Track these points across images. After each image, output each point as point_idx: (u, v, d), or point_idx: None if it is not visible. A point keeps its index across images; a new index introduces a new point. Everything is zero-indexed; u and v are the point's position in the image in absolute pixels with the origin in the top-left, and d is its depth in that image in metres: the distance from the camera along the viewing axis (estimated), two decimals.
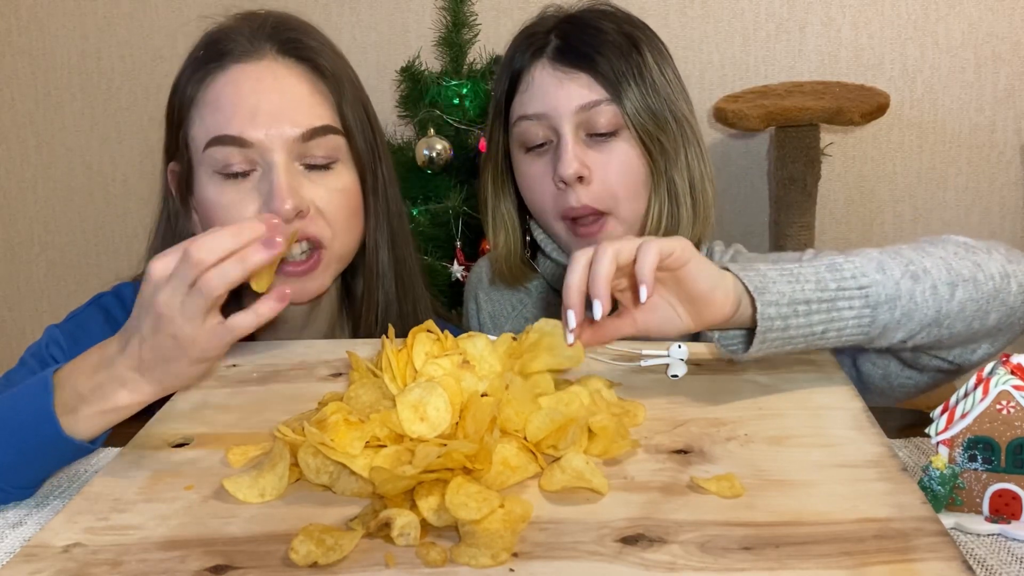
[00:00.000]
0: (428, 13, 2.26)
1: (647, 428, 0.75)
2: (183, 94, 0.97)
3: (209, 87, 0.95)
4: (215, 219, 0.95)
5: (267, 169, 0.93)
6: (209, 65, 0.96)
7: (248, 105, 0.93)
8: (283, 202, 0.91)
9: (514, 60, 1.08)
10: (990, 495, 0.70)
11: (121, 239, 2.53)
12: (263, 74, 0.95)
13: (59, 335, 1.01)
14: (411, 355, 0.77)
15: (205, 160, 0.95)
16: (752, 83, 2.27)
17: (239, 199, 0.94)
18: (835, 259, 0.80)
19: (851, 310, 0.78)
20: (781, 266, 0.78)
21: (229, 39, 0.97)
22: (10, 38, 2.43)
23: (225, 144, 0.93)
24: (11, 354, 1.01)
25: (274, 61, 0.96)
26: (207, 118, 0.95)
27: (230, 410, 0.81)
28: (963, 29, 2.25)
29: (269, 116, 0.93)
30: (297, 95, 0.95)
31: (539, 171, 1.06)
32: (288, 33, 0.98)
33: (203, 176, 0.96)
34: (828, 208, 2.34)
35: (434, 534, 0.61)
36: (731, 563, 0.57)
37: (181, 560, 0.59)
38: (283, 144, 0.93)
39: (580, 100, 1.02)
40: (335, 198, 0.97)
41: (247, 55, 0.96)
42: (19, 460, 0.75)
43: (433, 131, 1.93)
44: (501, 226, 1.14)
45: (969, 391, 0.70)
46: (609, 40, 1.05)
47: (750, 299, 0.75)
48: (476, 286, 1.26)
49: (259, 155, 0.93)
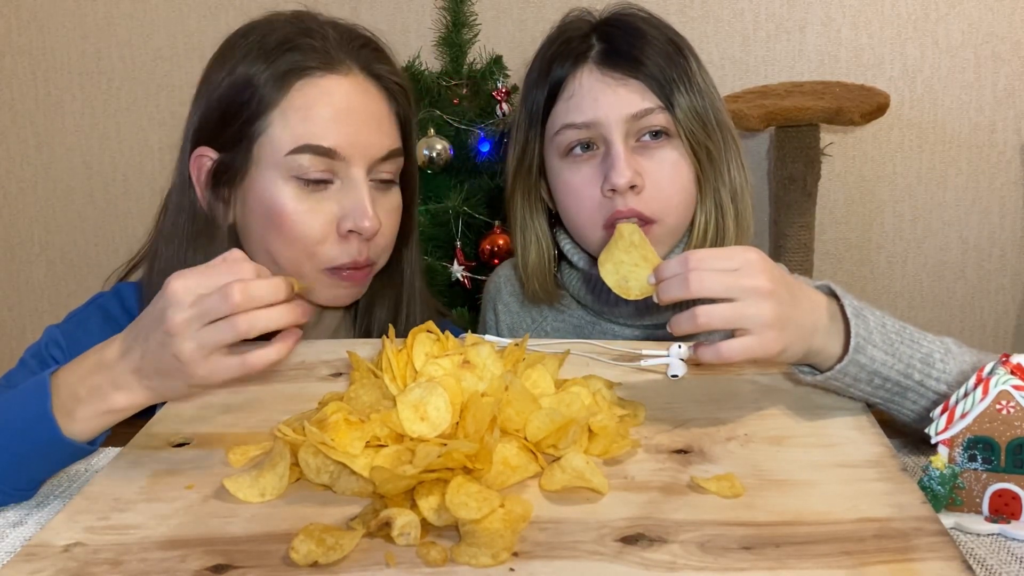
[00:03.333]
0: (428, 13, 2.26)
1: (647, 428, 0.75)
2: (259, 89, 0.94)
3: (298, 92, 0.94)
4: (287, 222, 0.94)
5: (348, 183, 0.95)
6: (295, 68, 0.95)
7: (343, 121, 0.94)
8: (368, 219, 0.94)
9: (553, 67, 1.04)
10: (990, 495, 0.70)
11: (121, 239, 2.53)
12: (353, 90, 0.96)
13: (59, 335, 1.01)
14: (411, 355, 0.77)
15: (285, 164, 0.94)
16: (752, 83, 2.27)
17: (318, 207, 0.94)
18: (933, 350, 0.79)
19: (915, 404, 0.80)
20: (886, 326, 0.78)
21: (313, 45, 0.96)
22: (10, 38, 2.43)
23: (315, 154, 0.93)
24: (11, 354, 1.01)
25: (359, 77, 0.98)
26: (295, 124, 0.94)
27: (230, 410, 0.81)
28: (963, 29, 2.25)
29: (359, 133, 0.95)
30: (380, 115, 0.98)
31: (583, 179, 1.02)
32: (368, 49, 1.00)
33: (276, 177, 0.94)
34: (828, 208, 2.34)
35: (434, 534, 0.61)
36: (731, 563, 0.57)
37: (181, 559, 0.59)
38: (366, 161, 0.95)
39: (632, 108, 1.00)
40: (391, 218, 1.00)
41: (335, 66, 0.96)
42: (17, 462, 0.75)
43: (433, 131, 1.93)
44: (533, 241, 1.11)
45: (969, 391, 0.70)
46: (656, 44, 1.02)
47: (843, 345, 0.76)
48: (495, 296, 1.22)
49: (342, 168, 0.95)
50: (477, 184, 1.93)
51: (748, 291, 0.71)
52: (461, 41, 2.04)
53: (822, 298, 0.77)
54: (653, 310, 1.07)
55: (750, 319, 0.71)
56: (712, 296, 0.71)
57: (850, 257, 2.39)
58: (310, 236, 0.94)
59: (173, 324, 0.69)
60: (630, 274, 0.79)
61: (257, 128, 0.95)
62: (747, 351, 0.71)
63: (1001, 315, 2.41)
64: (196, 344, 0.69)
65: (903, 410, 0.80)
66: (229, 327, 0.68)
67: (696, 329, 0.72)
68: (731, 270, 0.71)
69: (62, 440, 0.73)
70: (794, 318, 0.73)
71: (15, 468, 0.76)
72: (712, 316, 0.71)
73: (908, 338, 0.79)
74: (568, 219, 1.07)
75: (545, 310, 1.16)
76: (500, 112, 1.97)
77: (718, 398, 0.80)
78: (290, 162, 0.94)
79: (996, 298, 2.40)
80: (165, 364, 0.71)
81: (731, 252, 0.73)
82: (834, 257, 2.39)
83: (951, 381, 0.79)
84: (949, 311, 2.41)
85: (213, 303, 0.68)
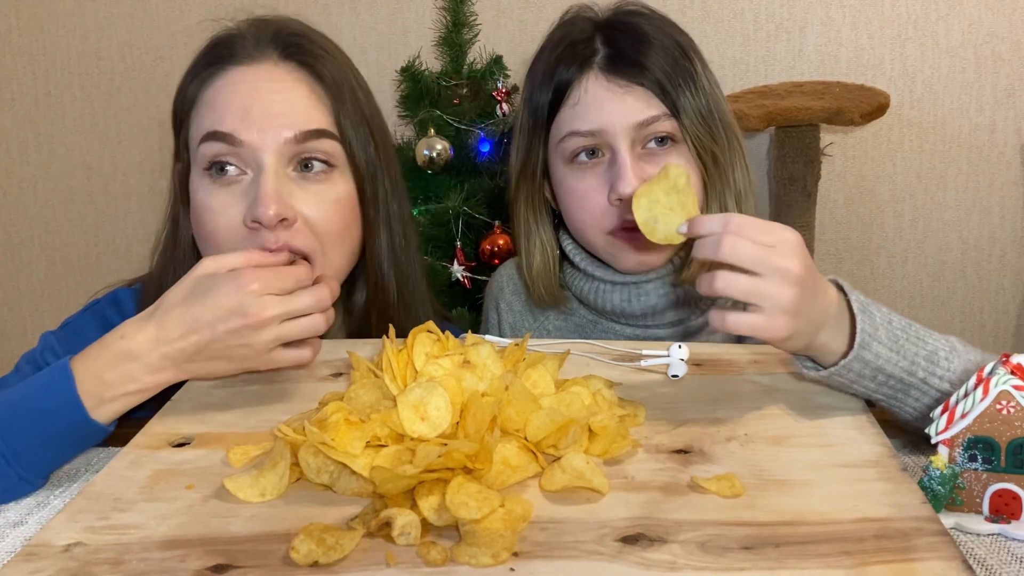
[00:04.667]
0: (428, 13, 2.26)
1: (647, 428, 0.75)
2: (184, 95, 0.98)
3: (208, 88, 0.96)
4: (202, 220, 0.94)
5: (256, 172, 0.92)
6: (211, 67, 0.96)
7: (242, 105, 0.93)
8: (267, 208, 0.88)
9: (557, 71, 1.03)
10: (990, 495, 0.70)
11: (121, 239, 2.53)
12: (261, 76, 0.95)
13: (54, 342, 1.01)
14: (411, 356, 0.77)
15: (198, 158, 0.94)
16: (752, 83, 2.27)
17: (227, 202, 0.92)
18: (938, 348, 0.79)
19: (917, 402, 0.79)
20: (892, 323, 0.78)
21: (233, 42, 0.97)
22: (10, 38, 2.43)
23: (216, 140, 0.92)
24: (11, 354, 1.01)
25: (275, 65, 0.96)
26: (203, 116, 0.95)
27: (230, 410, 0.81)
28: (963, 29, 2.25)
29: (262, 117, 0.92)
30: (293, 98, 0.94)
31: (588, 186, 1.02)
32: (290, 37, 0.98)
33: (196, 175, 0.96)
34: (828, 208, 2.34)
35: (434, 533, 0.61)
36: (731, 563, 0.57)
37: (182, 559, 0.59)
38: (275, 146, 0.91)
39: (638, 116, 0.99)
40: (327, 209, 0.94)
41: (249, 58, 0.96)
42: (41, 445, 0.78)
43: (433, 131, 1.93)
44: (537, 245, 1.10)
45: (969, 391, 0.70)
46: (662, 47, 1.01)
47: (848, 342, 0.76)
48: (497, 296, 1.21)
49: (251, 156, 0.92)
50: (477, 184, 1.93)
51: (776, 270, 0.70)
52: (461, 41, 2.04)
53: (834, 292, 0.77)
54: (657, 313, 1.06)
55: (768, 298, 0.71)
56: (741, 265, 0.71)
57: (850, 257, 2.40)
58: (219, 232, 0.92)
59: (261, 317, 0.78)
60: (662, 216, 0.76)
61: (185, 129, 0.98)
62: (754, 329, 0.71)
63: (1001, 315, 2.41)
64: (275, 335, 0.79)
65: (905, 407, 0.80)
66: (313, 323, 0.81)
67: (711, 292, 0.72)
68: (766, 245, 0.71)
69: (89, 422, 0.78)
70: (809, 311, 0.73)
71: (36, 452, 0.78)
72: (731, 284, 0.71)
73: (914, 335, 0.79)
74: (572, 224, 1.07)
75: (548, 310, 1.16)
76: (500, 112, 1.97)
77: (718, 398, 0.80)
78: (199, 154, 0.94)
79: (996, 298, 2.40)
80: (228, 349, 0.79)
81: (771, 227, 0.72)
82: (834, 257, 2.39)
83: (955, 379, 0.79)
84: (949, 311, 2.41)
85: (303, 300, 0.80)
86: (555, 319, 1.15)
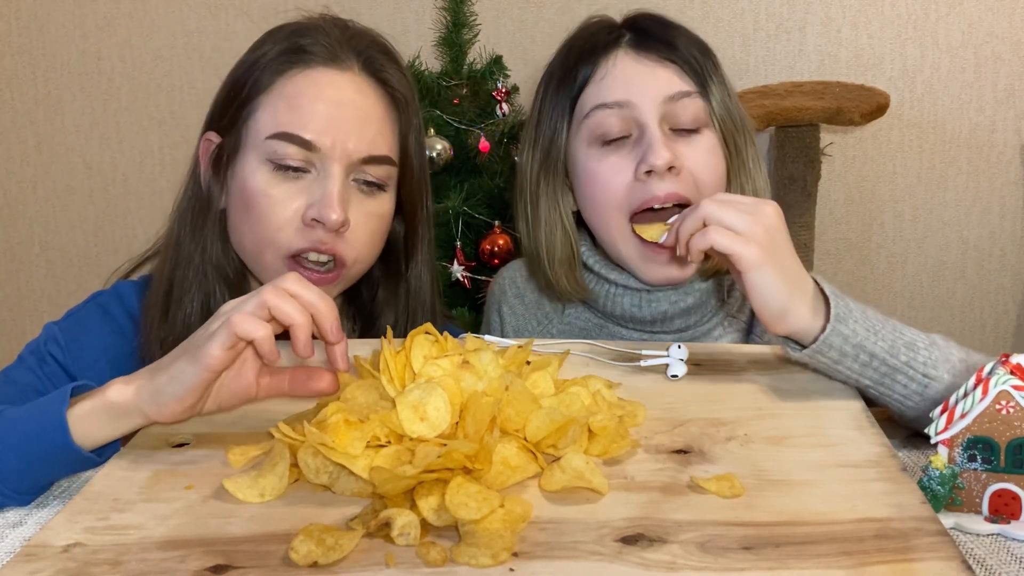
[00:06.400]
0: (428, 13, 2.26)
1: (647, 428, 0.75)
2: (258, 74, 0.96)
3: (290, 80, 0.95)
4: (254, 205, 0.94)
5: (323, 175, 0.94)
6: (293, 56, 0.96)
7: (327, 114, 0.94)
8: (332, 211, 0.92)
9: (581, 59, 1.02)
10: (990, 495, 0.70)
11: (121, 239, 2.53)
12: (347, 86, 0.96)
13: (57, 332, 1.01)
14: (409, 358, 0.77)
15: (264, 148, 0.94)
16: (752, 83, 2.27)
17: (289, 195, 0.94)
18: (916, 339, 0.82)
19: (904, 388, 0.81)
20: (867, 313, 0.81)
21: (319, 38, 0.97)
22: (10, 38, 2.43)
23: (292, 143, 0.93)
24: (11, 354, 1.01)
25: (356, 76, 0.97)
26: (281, 111, 0.94)
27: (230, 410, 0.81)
28: (963, 29, 2.25)
29: (341, 128, 0.94)
30: (371, 117, 0.96)
31: (612, 167, 0.99)
32: (375, 52, 0.99)
33: (254, 160, 0.95)
34: (828, 208, 2.34)
35: (434, 534, 0.61)
36: (731, 563, 0.57)
37: (181, 560, 0.59)
38: (346, 158, 0.94)
39: (668, 89, 0.98)
40: (371, 223, 0.98)
41: (335, 61, 0.96)
42: (27, 466, 0.76)
43: (433, 131, 1.93)
44: (559, 233, 1.06)
45: (969, 391, 0.70)
46: (687, 36, 1.02)
47: (824, 319, 0.79)
48: (500, 298, 1.19)
49: (319, 160, 0.94)
50: (477, 184, 1.93)
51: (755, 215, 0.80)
52: (461, 41, 2.04)
53: (811, 280, 0.82)
54: (666, 320, 1.06)
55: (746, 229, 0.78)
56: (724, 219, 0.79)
57: (850, 257, 2.40)
58: (274, 220, 0.94)
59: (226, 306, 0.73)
60: None
61: (248, 111, 0.96)
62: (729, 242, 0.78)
63: (1001, 315, 2.41)
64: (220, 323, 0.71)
65: (894, 395, 0.81)
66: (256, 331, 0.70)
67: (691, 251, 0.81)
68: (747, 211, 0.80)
69: (70, 447, 0.73)
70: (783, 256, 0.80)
71: (23, 472, 0.76)
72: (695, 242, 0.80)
73: (891, 327, 0.81)
74: (591, 210, 1.04)
75: (551, 313, 1.14)
76: (500, 112, 1.97)
77: (718, 398, 0.80)
78: (268, 147, 0.94)
79: (996, 298, 2.40)
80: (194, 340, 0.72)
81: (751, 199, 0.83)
82: (834, 257, 2.39)
83: (939, 369, 0.80)
84: (949, 311, 2.41)
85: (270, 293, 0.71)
86: (559, 322, 1.13)
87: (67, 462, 0.76)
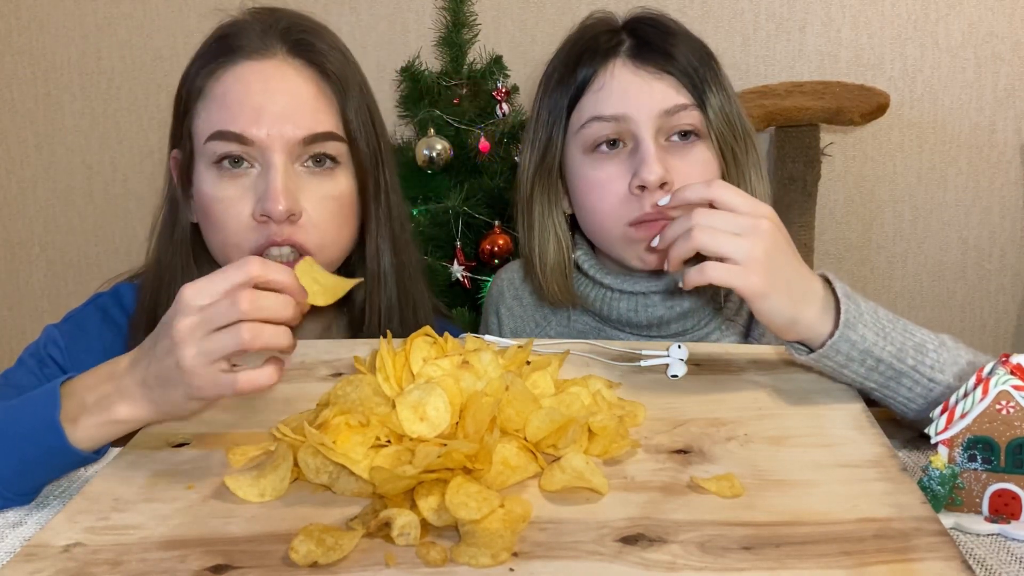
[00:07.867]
0: (428, 13, 2.26)
1: (647, 428, 0.75)
2: (191, 84, 0.98)
3: (217, 81, 0.96)
4: (210, 212, 0.95)
5: (265, 168, 0.93)
6: (219, 59, 0.96)
7: (254, 104, 0.93)
8: (276, 203, 0.91)
9: (581, 61, 1.01)
10: (990, 495, 0.70)
11: (121, 239, 2.53)
12: (271, 73, 0.95)
13: (57, 335, 1.01)
14: (409, 360, 0.77)
15: (205, 152, 0.95)
16: (752, 83, 2.27)
17: (235, 195, 0.94)
18: (926, 340, 0.81)
19: (909, 391, 0.81)
20: (879, 313, 0.81)
21: (241, 34, 0.97)
22: (10, 38, 2.42)
23: (226, 140, 0.93)
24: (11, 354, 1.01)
25: (283, 61, 0.96)
26: (212, 112, 0.95)
27: (230, 410, 0.81)
28: (963, 29, 2.25)
29: (273, 116, 0.93)
30: (303, 98, 0.95)
31: (608, 175, 0.99)
32: (300, 34, 0.98)
33: (202, 167, 0.96)
34: (828, 208, 2.34)
35: (434, 534, 0.61)
36: (731, 563, 0.57)
37: (181, 560, 0.59)
38: (284, 145, 0.93)
39: (665, 103, 0.98)
40: (328, 205, 0.96)
41: (258, 52, 0.96)
42: (22, 468, 0.75)
43: (433, 131, 1.93)
44: (552, 240, 1.06)
45: (969, 391, 0.70)
46: (688, 42, 1.01)
47: (833, 324, 0.79)
48: (497, 300, 1.19)
49: (259, 153, 0.93)
50: (477, 184, 1.93)
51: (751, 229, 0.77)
52: (461, 41, 2.04)
53: (819, 280, 0.81)
54: (663, 324, 1.06)
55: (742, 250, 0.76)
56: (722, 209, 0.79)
57: (850, 257, 2.39)
58: (230, 224, 0.94)
59: (179, 330, 0.67)
60: None
61: (189, 120, 0.98)
62: (729, 276, 0.76)
63: (1001, 315, 2.41)
64: (198, 351, 0.67)
65: (898, 398, 0.81)
66: (232, 335, 0.66)
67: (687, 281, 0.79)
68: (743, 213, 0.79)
69: (67, 449, 0.72)
70: (785, 270, 0.78)
71: (19, 474, 0.76)
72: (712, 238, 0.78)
73: (901, 327, 0.81)
74: (587, 217, 1.04)
75: (549, 315, 1.14)
76: (500, 112, 1.97)
77: (718, 398, 0.80)
78: (208, 150, 0.95)
79: (996, 298, 2.40)
80: (166, 371, 0.69)
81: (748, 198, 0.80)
82: (834, 257, 2.39)
83: (946, 372, 0.80)
84: (949, 311, 2.41)
85: (220, 309, 0.67)
86: (557, 325, 1.13)
87: (67, 463, 0.76)
